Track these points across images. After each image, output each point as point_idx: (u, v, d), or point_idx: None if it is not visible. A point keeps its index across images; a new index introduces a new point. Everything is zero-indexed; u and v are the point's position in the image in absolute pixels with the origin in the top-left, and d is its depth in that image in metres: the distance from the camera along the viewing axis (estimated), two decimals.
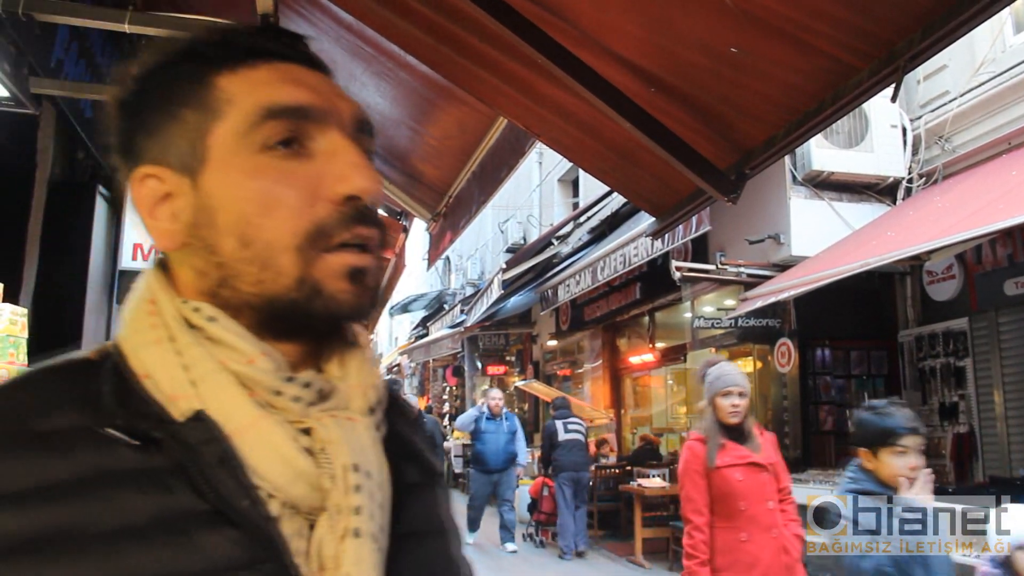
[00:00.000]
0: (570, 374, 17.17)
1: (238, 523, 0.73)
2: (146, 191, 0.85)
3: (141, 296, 0.85)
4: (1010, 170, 7.09)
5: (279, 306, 0.81)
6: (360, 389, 0.87)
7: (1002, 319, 8.01)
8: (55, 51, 4.62)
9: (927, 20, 1.71)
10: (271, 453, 0.76)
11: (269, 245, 0.79)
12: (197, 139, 0.82)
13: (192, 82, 0.84)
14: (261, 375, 0.79)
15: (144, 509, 0.71)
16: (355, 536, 0.77)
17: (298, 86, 0.84)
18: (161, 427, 0.75)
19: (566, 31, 2.38)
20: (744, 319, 9.31)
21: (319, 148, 0.83)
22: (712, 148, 2.57)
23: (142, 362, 0.79)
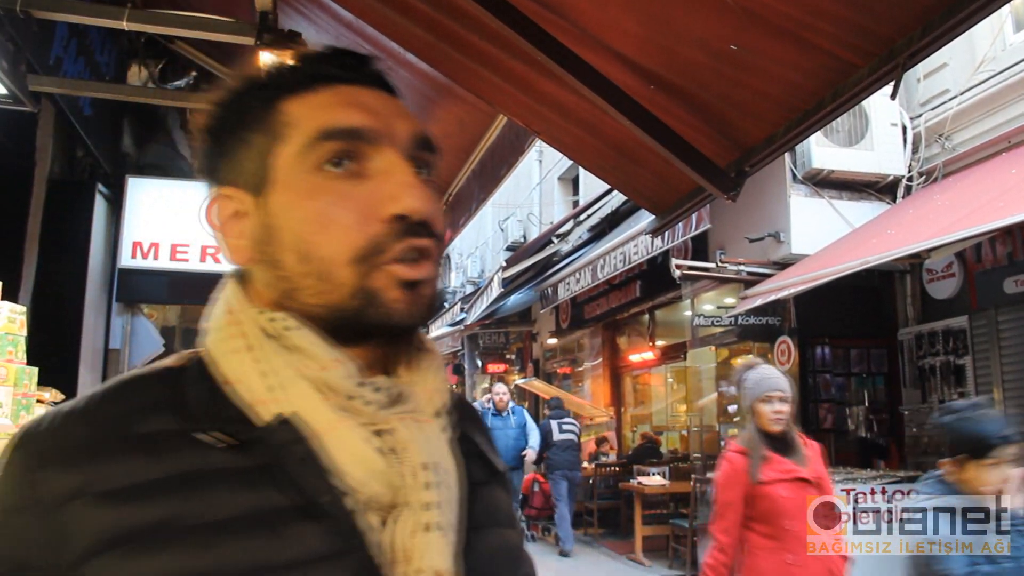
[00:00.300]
0: (570, 372, 17.16)
1: (321, 517, 0.79)
2: (220, 210, 0.92)
3: (221, 306, 0.92)
4: (1010, 168, 7.08)
5: (339, 316, 0.86)
6: (429, 393, 0.93)
7: (1002, 317, 8.00)
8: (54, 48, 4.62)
9: (927, 18, 1.70)
10: (348, 453, 0.82)
11: (326, 260, 0.85)
12: (262, 161, 0.89)
13: (261, 108, 0.90)
14: (336, 380, 0.85)
15: (235, 505, 0.77)
16: (426, 531, 0.82)
17: (355, 108, 0.89)
18: (246, 430, 0.82)
19: (566, 29, 2.37)
20: (744, 317, 9.31)
21: (374, 168, 0.88)
22: (712, 146, 2.56)
23: (225, 369, 0.86)
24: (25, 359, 3.69)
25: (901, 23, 1.76)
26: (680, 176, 2.71)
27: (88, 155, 6.08)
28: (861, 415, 9.44)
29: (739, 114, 2.45)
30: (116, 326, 6.86)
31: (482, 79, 3.10)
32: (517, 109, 3.21)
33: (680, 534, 10.22)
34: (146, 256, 6.55)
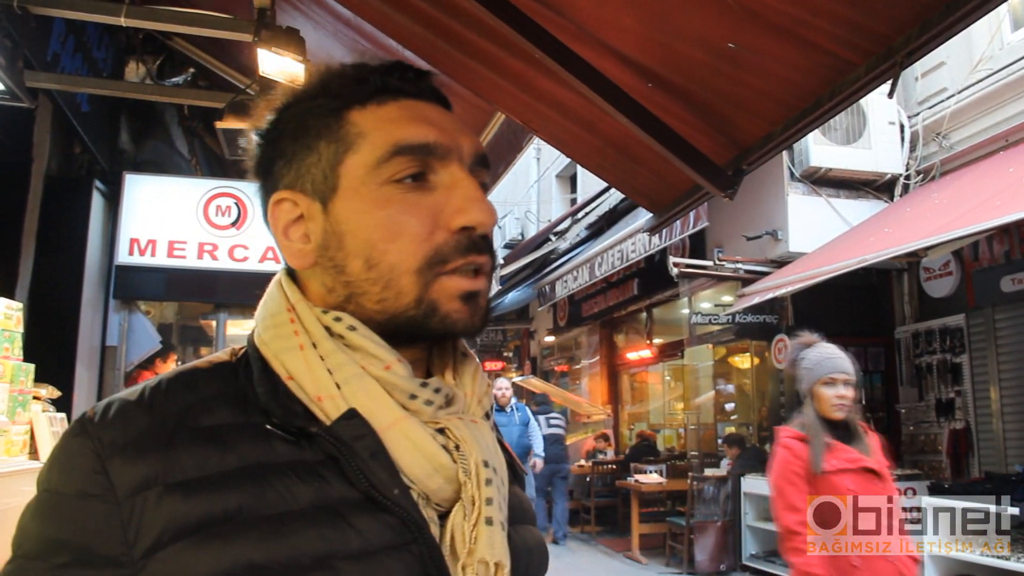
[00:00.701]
0: (568, 370, 17.17)
1: (389, 509, 0.82)
2: (281, 213, 0.94)
3: (279, 304, 0.94)
4: (1007, 167, 7.08)
5: (399, 322, 0.89)
6: (475, 396, 0.98)
7: (999, 316, 8.02)
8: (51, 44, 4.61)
9: (925, 16, 1.70)
10: (413, 449, 0.85)
11: (392, 268, 0.88)
12: (330, 168, 0.91)
13: (327, 116, 0.93)
14: (398, 380, 0.88)
15: (304, 495, 0.80)
16: (488, 524, 0.85)
17: (425, 124, 0.92)
18: (312, 424, 0.84)
19: (564, 26, 2.37)
20: (741, 315, 9.32)
21: (441, 181, 0.91)
22: (710, 144, 2.56)
23: (285, 366, 0.88)
24: (22, 355, 3.69)
25: (899, 21, 1.76)
26: (678, 174, 2.71)
27: (85, 151, 6.08)
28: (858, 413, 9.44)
29: (737, 112, 2.45)
30: (113, 323, 6.86)
31: (480, 77, 3.10)
32: (515, 107, 3.21)
33: (677, 532, 10.22)
34: (143, 253, 6.55)
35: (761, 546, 8.84)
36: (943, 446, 8.47)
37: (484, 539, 0.84)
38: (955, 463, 8.31)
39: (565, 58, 2.32)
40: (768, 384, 10.07)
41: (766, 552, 8.76)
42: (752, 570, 8.80)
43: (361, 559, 0.79)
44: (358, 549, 0.79)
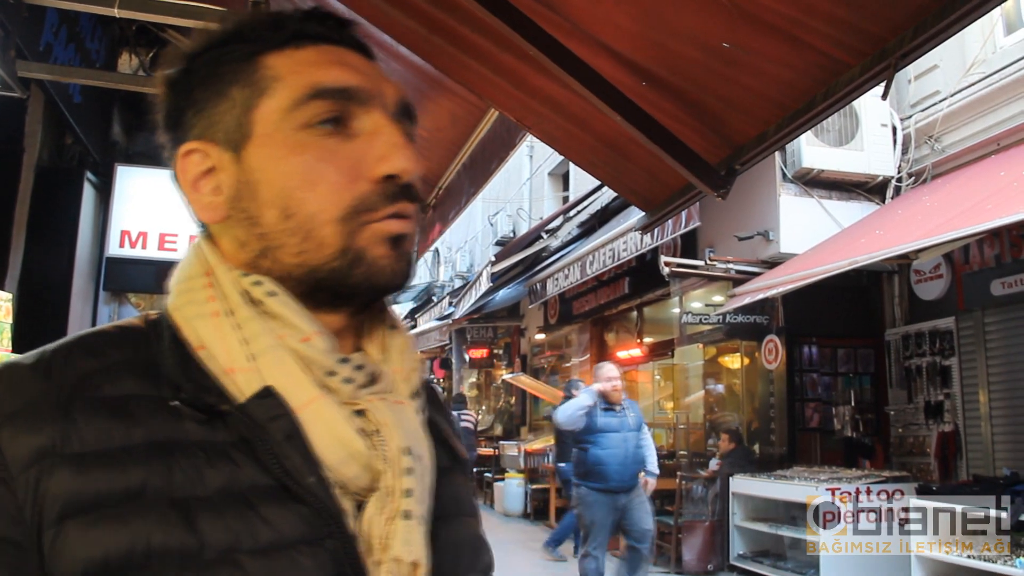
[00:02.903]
0: (558, 368, 17.18)
1: (303, 499, 0.76)
2: (190, 165, 0.88)
3: (195, 268, 0.87)
4: (999, 171, 7.11)
5: (320, 275, 0.83)
6: (404, 373, 0.91)
7: (988, 319, 8.05)
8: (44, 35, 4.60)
9: (919, 18, 1.70)
10: (328, 432, 0.78)
11: (311, 217, 0.82)
12: (243, 114, 0.86)
13: (241, 61, 0.87)
14: (317, 354, 0.82)
15: (213, 480, 0.73)
16: (405, 518, 0.79)
17: (344, 68, 0.87)
18: (224, 401, 0.78)
19: (558, 23, 2.37)
20: (732, 315, 9.34)
21: (362, 128, 0.86)
22: (703, 143, 2.56)
23: (197, 333, 0.81)
24: (10, 346, 3.68)
25: (894, 23, 1.77)
26: (670, 173, 2.71)
27: (77, 143, 6.05)
28: (847, 415, 9.49)
29: (730, 111, 2.45)
30: (103, 315, 6.84)
31: (474, 73, 3.09)
32: (508, 103, 3.20)
33: (665, 531, 10.23)
34: (134, 245, 6.53)
35: (749, 546, 8.87)
36: (931, 448, 8.50)
37: (400, 534, 0.78)
38: (943, 466, 8.34)
39: (559, 55, 2.32)
40: (758, 384, 10.10)
41: (754, 552, 8.79)
42: (740, 570, 8.82)
43: (269, 554, 0.72)
44: (267, 542, 0.73)
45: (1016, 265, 7.60)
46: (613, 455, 7.45)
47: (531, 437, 16.73)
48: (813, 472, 8.07)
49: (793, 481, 7.88)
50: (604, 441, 7.51)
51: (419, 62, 3.55)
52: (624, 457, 7.49)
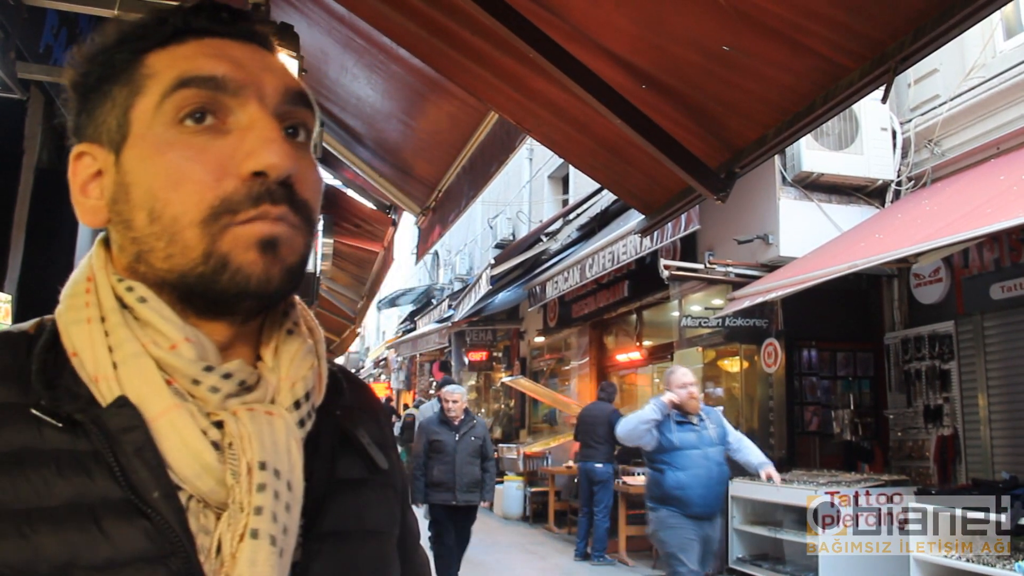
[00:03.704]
0: (557, 371, 17.18)
1: (148, 514, 0.72)
2: (80, 168, 0.87)
3: (82, 272, 0.85)
4: (998, 175, 7.11)
5: (189, 281, 0.80)
6: (288, 381, 0.86)
7: (988, 323, 8.05)
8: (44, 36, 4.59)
9: (918, 22, 1.71)
10: (180, 444, 0.75)
11: (175, 220, 0.79)
12: (122, 114, 0.83)
13: (126, 61, 0.84)
14: (180, 362, 0.78)
15: (60, 492, 0.71)
16: (252, 537, 0.74)
17: (218, 59, 0.83)
18: (86, 410, 0.75)
19: (559, 26, 2.37)
20: (731, 319, 9.34)
21: (237, 123, 0.82)
22: (703, 146, 2.56)
23: (72, 340, 0.79)
24: None
25: (893, 27, 1.77)
26: (670, 176, 2.71)
27: None
28: (846, 418, 9.49)
29: (730, 115, 2.45)
30: None
31: (474, 75, 3.09)
32: (508, 106, 3.20)
33: None
34: None
35: (748, 549, 8.86)
36: (931, 452, 8.50)
37: (245, 554, 0.73)
38: (942, 469, 8.34)
39: (559, 58, 2.32)
40: (757, 388, 10.09)
41: (753, 555, 8.78)
42: (739, 573, 8.80)
43: (105, 571, 0.69)
44: (104, 559, 0.69)
45: (1015, 269, 7.61)
46: (695, 477, 6.13)
47: (530, 440, 16.73)
48: (812, 476, 8.06)
49: (792, 485, 7.87)
50: (682, 461, 6.19)
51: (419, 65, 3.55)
52: (707, 478, 6.17)
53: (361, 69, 4.46)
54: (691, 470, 6.12)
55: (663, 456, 6.23)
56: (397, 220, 6.73)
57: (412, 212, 5.77)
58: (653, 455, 6.34)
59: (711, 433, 6.32)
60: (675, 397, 6.28)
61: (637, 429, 6.30)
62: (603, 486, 10.56)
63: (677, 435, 6.22)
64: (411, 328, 23.58)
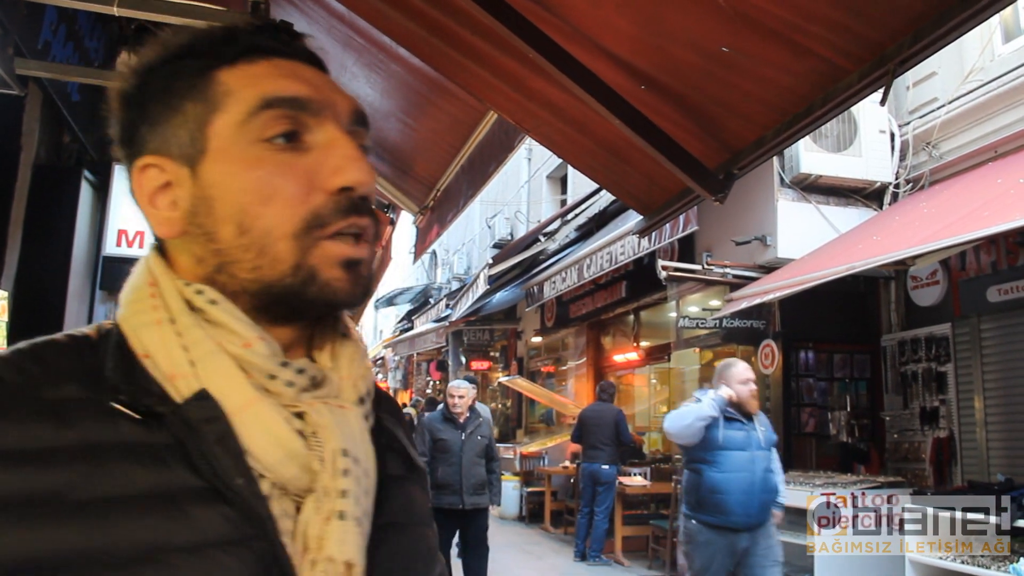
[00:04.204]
0: (554, 371, 17.19)
1: (231, 500, 0.76)
2: (146, 180, 0.89)
3: (142, 279, 0.88)
4: (996, 178, 7.12)
5: (275, 292, 0.84)
6: (351, 380, 0.92)
7: (984, 326, 8.06)
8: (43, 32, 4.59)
9: (917, 25, 1.71)
10: (265, 433, 0.79)
11: (267, 233, 0.83)
12: (197, 130, 0.86)
13: (193, 77, 0.88)
14: (257, 359, 0.83)
15: (141, 481, 0.74)
16: (340, 518, 0.79)
17: (295, 80, 0.88)
18: (164, 404, 0.78)
19: (558, 26, 2.37)
20: (729, 320, 9.34)
21: (315, 141, 0.87)
22: (701, 147, 2.56)
23: (142, 342, 0.82)
24: (6, 344, 3.67)
25: (892, 29, 1.77)
26: (669, 177, 2.71)
27: (75, 141, 6.05)
28: (843, 420, 9.50)
29: (729, 116, 2.45)
30: (99, 314, 6.81)
31: (473, 75, 3.09)
32: (508, 106, 3.20)
33: (660, 535, 10.23)
34: (131, 244, 6.51)
35: None
36: (927, 454, 8.51)
37: (335, 535, 0.79)
38: (938, 471, 8.35)
39: (558, 58, 2.32)
40: None
41: None
42: None
43: (192, 553, 0.73)
44: (190, 542, 0.73)
45: (1012, 272, 7.62)
46: (736, 481, 5.58)
47: (527, 440, 16.75)
48: (808, 477, 8.06)
49: (788, 486, 7.87)
50: (725, 461, 5.62)
51: (419, 64, 3.55)
52: (750, 484, 5.60)
53: (360, 68, 4.46)
54: (733, 473, 5.57)
55: (704, 454, 5.68)
56: (395, 219, 6.73)
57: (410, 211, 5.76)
58: (693, 452, 5.78)
59: (760, 436, 5.74)
60: (734, 394, 5.72)
61: (692, 426, 5.65)
62: (607, 488, 10.54)
63: (724, 432, 5.65)
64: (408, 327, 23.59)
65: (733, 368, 5.83)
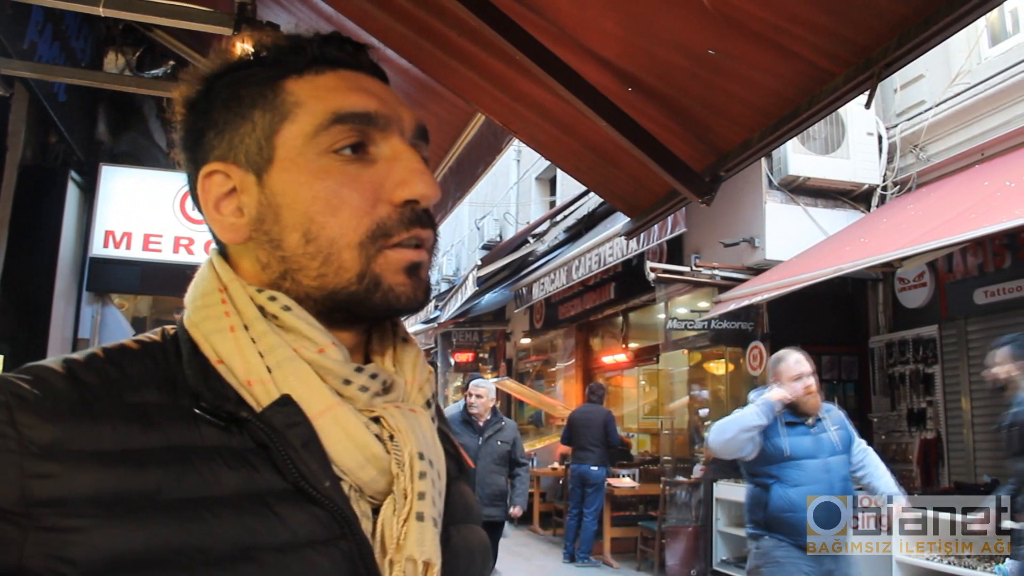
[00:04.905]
0: (543, 372, 17.18)
1: (319, 502, 0.79)
2: (212, 186, 0.91)
3: (210, 284, 0.90)
4: (982, 180, 7.15)
5: (339, 298, 0.87)
6: (416, 384, 0.95)
7: (971, 327, 8.09)
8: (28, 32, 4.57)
9: (902, 28, 1.71)
10: (345, 438, 0.82)
11: (332, 242, 0.85)
12: (265, 138, 0.88)
13: (262, 85, 0.90)
14: (332, 364, 0.85)
15: (230, 482, 0.76)
16: (418, 520, 0.82)
17: (364, 94, 0.90)
18: (244, 409, 0.81)
19: (545, 28, 2.37)
20: (717, 321, 9.35)
21: (381, 153, 0.89)
22: (688, 149, 2.57)
23: (215, 348, 0.84)
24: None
25: (878, 32, 1.77)
26: (655, 179, 2.71)
27: (61, 141, 6.02)
28: None
29: (716, 118, 2.45)
30: (86, 315, 6.79)
31: (461, 76, 3.09)
32: (494, 107, 3.20)
33: (648, 536, 10.24)
34: (118, 245, 6.48)
35: (732, 551, 8.88)
36: (914, 455, 8.53)
37: (414, 535, 0.81)
38: (925, 473, 8.38)
39: (545, 60, 2.32)
40: (742, 391, 10.09)
41: (737, 558, 8.79)
42: (723, 575, 8.82)
43: (286, 552, 0.75)
44: (283, 541, 0.76)
45: (999, 274, 7.65)
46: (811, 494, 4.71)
47: None
48: None
49: None
50: (795, 474, 4.74)
51: (406, 65, 3.54)
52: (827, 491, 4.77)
53: None
54: (807, 486, 4.71)
55: (769, 468, 4.82)
56: None
57: None
58: (754, 467, 4.94)
59: (833, 437, 4.90)
60: (787, 394, 4.88)
61: (736, 439, 4.83)
62: (596, 489, 10.53)
63: (788, 440, 4.80)
64: None
65: (782, 363, 5.04)
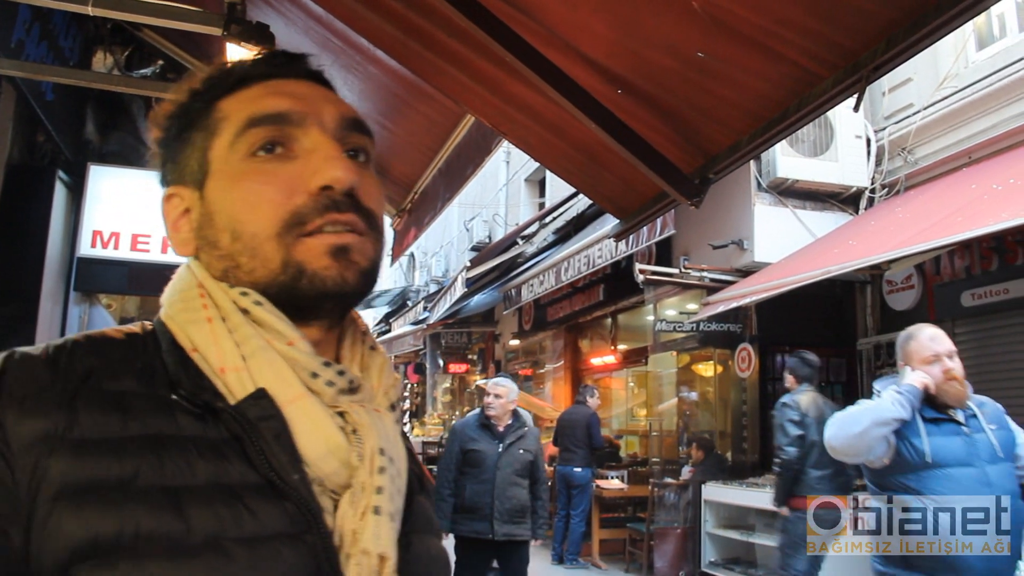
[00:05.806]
0: (532, 374, 17.16)
1: (287, 495, 0.81)
2: (171, 209, 0.99)
3: (188, 282, 0.95)
4: (970, 183, 7.18)
5: (272, 291, 0.90)
6: (383, 388, 0.99)
7: (958, 330, 8.11)
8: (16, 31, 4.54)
9: (890, 32, 1.72)
10: (311, 427, 0.85)
11: (254, 236, 0.90)
12: (201, 156, 0.96)
13: (202, 110, 0.98)
14: (301, 356, 0.89)
15: (203, 472, 0.79)
16: (375, 514, 0.84)
17: (279, 96, 0.96)
18: (220, 400, 0.84)
19: (535, 30, 2.37)
20: (706, 323, 9.35)
21: (303, 148, 0.94)
22: (677, 152, 2.57)
23: (190, 337, 0.89)
24: None
25: (866, 36, 1.78)
26: (644, 181, 2.72)
27: (49, 141, 5.99)
28: None
29: (705, 121, 2.46)
30: (73, 315, 6.75)
31: (451, 78, 3.09)
32: (485, 109, 3.20)
33: (637, 538, 10.25)
34: (106, 245, 6.45)
35: (720, 553, 8.89)
36: None
37: (370, 529, 0.83)
38: None
39: (535, 62, 2.32)
40: (731, 392, 10.13)
41: (725, 559, 8.81)
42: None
43: (254, 544, 0.77)
44: (251, 533, 0.78)
45: (986, 277, 7.68)
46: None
47: None
48: None
49: (765, 489, 7.90)
50: (941, 486, 3.56)
51: (396, 66, 3.54)
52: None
53: (338, 70, 4.44)
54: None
55: (905, 479, 3.63)
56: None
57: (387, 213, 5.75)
58: (885, 477, 3.75)
59: (992, 439, 3.65)
60: (926, 379, 3.80)
61: (868, 435, 3.67)
62: (581, 490, 10.48)
63: (930, 441, 3.61)
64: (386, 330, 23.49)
65: (913, 340, 4.08)
